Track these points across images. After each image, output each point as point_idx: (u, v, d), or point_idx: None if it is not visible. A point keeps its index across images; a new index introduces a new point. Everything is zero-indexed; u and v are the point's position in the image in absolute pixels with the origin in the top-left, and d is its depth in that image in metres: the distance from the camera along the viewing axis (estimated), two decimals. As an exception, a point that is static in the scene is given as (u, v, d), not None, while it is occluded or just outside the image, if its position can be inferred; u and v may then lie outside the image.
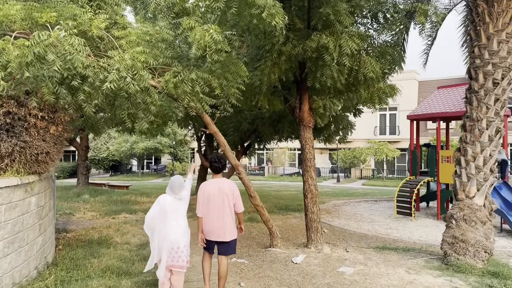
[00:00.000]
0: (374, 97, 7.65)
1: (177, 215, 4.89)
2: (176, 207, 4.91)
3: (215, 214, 4.96)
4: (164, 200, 4.89)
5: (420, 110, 13.79)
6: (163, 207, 4.84)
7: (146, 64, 4.86)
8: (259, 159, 41.49)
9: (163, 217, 4.83)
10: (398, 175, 33.12)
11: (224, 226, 4.95)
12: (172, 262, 4.78)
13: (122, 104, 5.14)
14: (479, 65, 7.14)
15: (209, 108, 6.11)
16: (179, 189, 4.89)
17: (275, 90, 8.46)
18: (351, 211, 14.03)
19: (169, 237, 4.76)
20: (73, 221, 11.17)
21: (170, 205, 4.86)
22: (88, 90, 4.82)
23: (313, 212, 7.66)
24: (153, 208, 4.97)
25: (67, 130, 5.80)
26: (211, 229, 4.98)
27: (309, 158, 7.84)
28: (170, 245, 4.75)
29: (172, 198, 4.90)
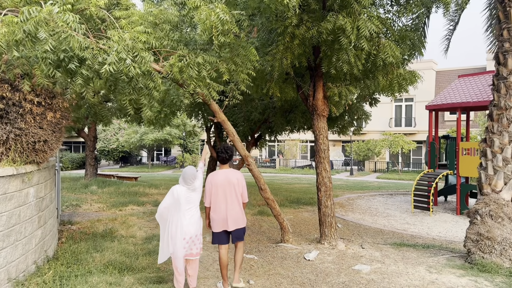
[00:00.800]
0: (393, 84, 7.15)
1: (190, 205, 4.91)
2: (190, 198, 4.90)
3: (224, 205, 4.99)
4: (177, 192, 4.85)
5: (439, 100, 13.21)
6: (178, 198, 4.82)
7: (148, 45, 4.48)
8: (270, 151, 41.07)
9: (177, 208, 4.84)
10: (414, 168, 32.42)
11: (234, 215, 5.01)
12: (187, 252, 4.84)
13: (123, 89, 4.77)
14: (508, 49, 6.62)
15: (217, 95, 5.72)
16: (192, 180, 4.87)
17: (287, 77, 8.02)
18: (366, 205, 13.58)
19: (183, 228, 4.79)
20: (79, 212, 10.94)
21: (184, 196, 4.85)
22: (86, 73, 4.47)
23: (327, 206, 7.24)
24: (167, 199, 4.93)
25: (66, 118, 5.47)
26: (221, 220, 4.99)
27: (323, 149, 7.41)
28: (183, 235, 4.77)
29: (185, 189, 4.89)
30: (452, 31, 10.18)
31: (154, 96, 4.88)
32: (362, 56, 6.49)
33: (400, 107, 33.95)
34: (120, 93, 4.90)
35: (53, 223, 6.67)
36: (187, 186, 4.90)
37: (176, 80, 5.44)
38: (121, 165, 39.34)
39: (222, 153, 5.14)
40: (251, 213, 10.94)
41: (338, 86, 7.24)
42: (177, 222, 4.82)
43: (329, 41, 6.28)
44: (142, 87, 4.77)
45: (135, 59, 4.32)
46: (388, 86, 7.30)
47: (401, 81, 7.19)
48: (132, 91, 4.76)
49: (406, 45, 7.52)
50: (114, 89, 4.98)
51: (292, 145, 37.15)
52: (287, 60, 6.74)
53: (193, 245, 4.90)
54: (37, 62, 4.14)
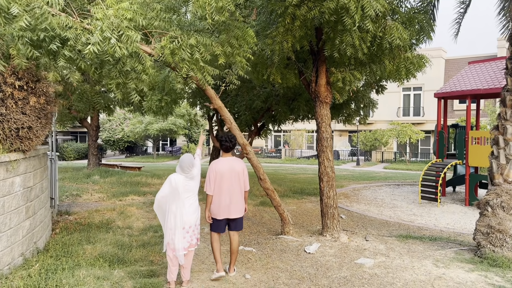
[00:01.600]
0: (401, 68, 6.76)
1: (189, 194, 4.76)
2: (188, 186, 4.74)
3: (228, 193, 4.97)
4: (175, 180, 4.66)
5: (448, 87, 12.77)
6: (176, 187, 4.64)
7: (135, 23, 4.16)
8: (275, 142, 40.73)
9: (175, 197, 4.67)
10: (422, 158, 31.91)
11: (237, 203, 5.04)
12: (188, 242, 4.72)
13: (109, 72, 4.47)
14: (524, 30, 6.21)
15: (212, 79, 5.41)
16: (189, 168, 4.71)
17: (288, 62, 7.67)
18: (372, 195, 13.25)
19: (182, 217, 4.65)
20: (79, 203, 10.75)
21: (182, 185, 4.68)
22: (69, 54, 4.17)
23: (329, 197, 6.93)
24: (164, 188, 4.73)
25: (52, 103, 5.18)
26: (223, 208, 4.98)
27: (325, 137, 7.08)
28: (182, 225, 4.64)
29: (183, 177, 4.72)
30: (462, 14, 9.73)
31: (143, 79, 4.58)
32: (367, 39, 6.12)
33: (408, 96, 33.34)
34: (106, 77, 4.60)
35: (44, 213, 6.44)
36: (185, 174, 4.72)
37: (168, 63, 5.13)
38: (126, 155, 39.26)
39: (226, 142, 5.08)
40: (253, 204, 10.67)
41: (342, 71, 6.87)
42: (175, 211, 4.65)
43: (332, 22, 5.90)
44: (129, 70, 4.47)
45: (120, 39, 4.01)
46: (395, 71, 6.92)
47: (408, 66, 6.80)
48: (118, 74, 4.46)
49: (414, 28, 7.14)
50: (100, 72, 4.67)
51: (298, 135, 36.76)
52: (288, 43, 6.39)
53: (193, 235, 4.76)
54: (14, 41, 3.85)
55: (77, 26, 4.12)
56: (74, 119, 18.53)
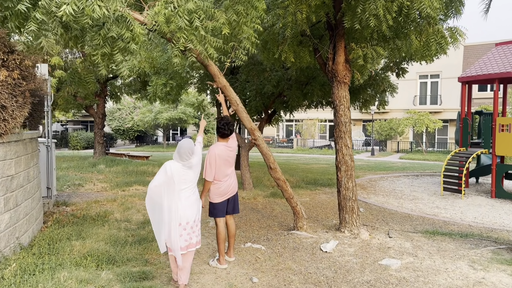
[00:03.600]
0: (431, 43, 5.94)
1: (186, 185, 4.14)
2: (185, 176, 4.13)
3: (228, 174, 4.89)
4: (171, 168, 4.05)
5: (474, 70, 11.82)
6: (171, 176, 4.02)
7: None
8: (287, 131, 39.88)
9: (170, 188, 4.04)
10: (439, 148, 30.79)
11: (235, 180, 5.03)
12: (186, 241, 4.12)
13: (92, 40, 3.76)
14: None
15: (215, 53, 4.67)
16: (188, 155, 4.11)
17: (302, 39, 6.89)
18: (390, 187, 12.44)
19: (178, 211, 4.05)
20: (80, 193, 10.19)
21: (178, 174, 4.06)
22: (41, 18, 3.47)
23: (347, 189, 6.18)
24: (159, 176, 4.05)
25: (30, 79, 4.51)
26: (228, 189, 4.89)
27: (344, 121, 6.31)
28: (178, 220, 4.04)
29: (180, 166, 4.11)
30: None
31: (131, 49, 3.86)
32: (392, 8, 5.33)
33: (425, 84, 32.13)
34: (90, 47, 3.90)
35: (31, 205, 5.82)
36: (182, 163, 4.11)
37: (163, 33, 4.41)
38: (136, 144, 38.85)
39: (224, 129, 4.86)
40: (263, 195, 9.98)
41: (363, 47, 6.07)
42: (170, 205, 4.02)
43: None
44: (115, 37, 3.75)
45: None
46: (423, 47, 6.10)
47: (439, 40, 5.97)
48: (103, 42, 3.75)
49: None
50: (82, 41, 3.98)
51: (310, 125, 35.87)
52: (302, 14, 5.62)
53: (192, 232, 4.15)
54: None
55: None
56: (79, 106, 18.02)
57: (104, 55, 3.93)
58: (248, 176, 10.95)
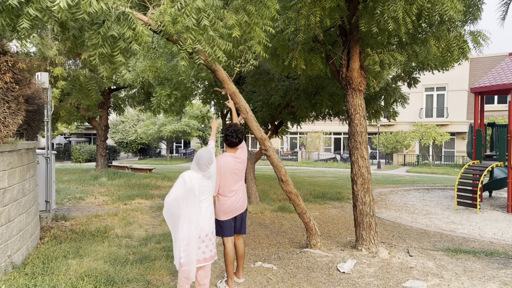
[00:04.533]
0: (452, 48, 5.59)
1: (205, 196, 4.00)
2: (204, 187, 3.98)
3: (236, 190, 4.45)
4: (190, 179, 3.86)
5: (487, 81, 11.47)
6: (191, 187, 3.85)
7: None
8: (292, 144, 39.49)
9: (190, 199, 3.86)
10: (447, 162, 30.28)
11: (244, 196, 4.57)
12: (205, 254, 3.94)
13: (91, 39, 3.42)
14: None
15: (224, 56, 4.33)
16: (208, 165, 3.94)
17: (314, 46, 6.55)
18: (401, 201, 12.00)
19: (199, 223, 3.89)
20: (80, 206, 9.81)
21: (198, 185, 3.90)
22: (34, 14, 3.14)
23: (364, 203, 5.77)
24: (177, 188, 3.82)
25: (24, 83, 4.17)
26: (235, 206, 4.44)
27: (360, 131, 5.93)
28: (198, 233, 3.88)
29: (200, 176, 3.94)
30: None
31: (133, 50, 3.52)
32: (412, 11, 4.99)
33: (431, 96, 31.79)
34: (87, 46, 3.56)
35: (26, 220, 5.44)
36: (202, 173, 3.93)
37: (169, 34, 4.07)
38: (140, 157, 38.52)
39: (232, 137, 4.44)
40: (270, 209, 9.56)
41: (379, 52, 5.73)
42: (190, 217, 3.84)
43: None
44: (116, 37, 3.42)
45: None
46: (444, 52, 5.74)
47: (462, 45, 5.62)
48: (102, 41, 3.41)
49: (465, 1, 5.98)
50: (81, 42, 3.64)
51: (315, 137, 35.48)
52: (316, 17, 5.29)
53: (210, 244, 4.00)
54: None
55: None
56: (82, 118, 17.74)
57: (103, 56, 3.59)
58: (254, 190, 10.55)
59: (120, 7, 3.21)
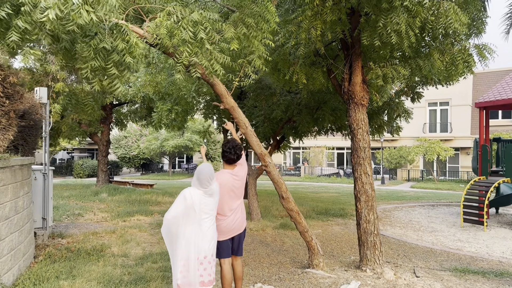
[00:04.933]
0: (457, 61, 5.46)
1: (207, 215, 3.81)
2: (206, 205, 3.80)
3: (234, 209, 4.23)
4: (191, 196, 3.72)
5: (492, 95, 11.33)
6: (192, 205, 3.70)
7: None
8: (294, 159, 39.28)
9: (190, 218, 3.70)
10: (451, 177, 29.96)
11: (242, 216, 4.34)
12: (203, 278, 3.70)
13: (82, 51, 3.30)
14: None
15: (222, 69, 4.21)
16: (209, 181, 3.79)
17: (315, 60, 6.45)
18: (405, 217, 11.74)
19: (198, 244, 3.69)
20: (79, 223, 9.63)
21: (199, 202, 3.74)
22: (24, 26, 3.03)
23: (368, 221, 5.57)
24: (177, 205, 3.67)
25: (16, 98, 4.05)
26: (233, 226, 4.22)
27: (363, 147, 5.77)
28: (196, 254, 3.67)
29: (201, 193, 3.77)
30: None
31: (127, 63, 3.40)
32: (415, 24, 4.88)
33: (434, 111, 31.64)
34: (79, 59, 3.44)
35: (19, 239, 5.27)
36: (203, 190, 3.77)
37: (165, 47, 3.97)
38: (142, 172, 38.37)
39: (230, 154, 4.24)
40: (272, 226, 9.34)
41: (382, 66, 5.61)
42: (189, 237, 3.66)
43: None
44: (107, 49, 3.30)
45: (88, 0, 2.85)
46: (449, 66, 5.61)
47: (467, 58, 5.49)
48: (93, 54, 3.29)
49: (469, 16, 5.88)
50: (73, 54, 3.53)
51: (318, 152, 35.26)
52: (317, 30, 5.19)
53: (210, 268, 3.77)
54: None
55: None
56: (84, 133, 17.67)
57: (95, 69, 3.46)
58: (256, 206, 10.35)
59: (113, 19, 3.10)
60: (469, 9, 5.78)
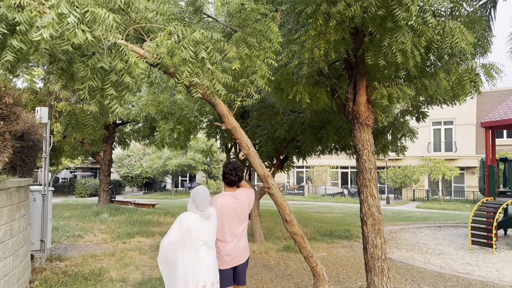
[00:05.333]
0: (464, 81, 5.35)
1: (203, 240, 3.58)
2: (203, 230, 3.59)
3: (237, 235, 3.98)
4: (187, 221, 3.54)
5: (497, 115, 11.19)
6: (188, 230, 3.51)
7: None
8: (298, 178, 39.01)
9: (186, 244, 3.50)
10: (457, 197, 29.58)
11: (245, 244, 4.08)
12: None
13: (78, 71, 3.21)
14: None
15: (223, 89, 4.10)
16: (205, 203, 3.62)
17: (319, 79, 6.35)
18: (412, 239, 11.47)
19: (195, 271, 3.47)
20: (78, 245, 9.44)
21: (195, 227, 3.54)
22: (19, 46, 2.95)
23: (375, 246, 5.36)
24: (174, 231, 3.50)
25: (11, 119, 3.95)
26: (234, 254, 3.94)
27: (368, 168, 5.61)
28: (195, 283, 3.45)
29: (197, 217, 3.59)
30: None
31: (126, 83, 3.30)
32: (421, 44, 4.78)
33: (438, 130, 31.47)
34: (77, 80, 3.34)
35: (14, 264, 5.10)
36: (199, 213, 3.60)
37: (166, 67, 3.88)
38: (144, 191, 38.16)
39: (231, 175, 4.01)
40: (275, 249, 9.11)
41: (387, 86, 5.50)
42: (186, 264, 3.46)
43: (379, 18, 4.60)
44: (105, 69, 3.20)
45: (83, 19, 2.77)
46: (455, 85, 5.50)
47: (474, 78, 5.38)
48: (91, 74, 3.19)
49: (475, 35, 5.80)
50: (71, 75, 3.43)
51: (322, 171, 35.02)
52: (320, 49, 5.10)
53: None
54: None
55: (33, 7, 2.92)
56: (86, 153, 17.60)
57: (93, 89, 3.36)
58: (258, 227, 10.14)
59: (110, 38, 3.01)
60: (475, 28, 5.70)
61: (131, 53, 3.28)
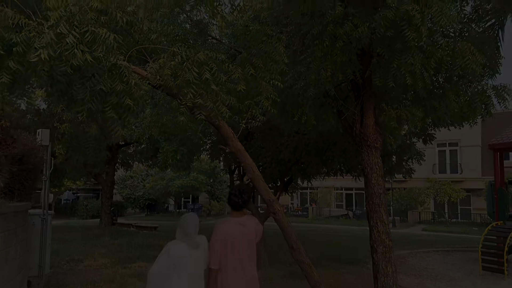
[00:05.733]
0: (475, 103, 5.21)
1: (193, 270, 3.41)
2: (192, 259, 3.42)
3: (241, 266, 3.62)
4: (174, 250, 3.41)
5: (506, 137, 11.02)
6: (176, 259, 3.36)
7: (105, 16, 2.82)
8: (302, 199, 38.58)
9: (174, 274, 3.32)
10: (463, 219, 29.07)
11: (253, 279, 3.75)
12: None
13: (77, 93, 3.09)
14: None
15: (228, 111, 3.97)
16: (195, 231, 3.50)
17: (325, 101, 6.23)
18: (421, 264, 11.15)
19: None
20: (78, 270, 9.19)
21: (184, 256, 3.39)
22: (16, 67, 2.84)
23: (386, 275, 5.12)
24: (160, 262, 3.35)
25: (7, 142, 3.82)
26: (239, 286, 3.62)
27: (378, 192, 5.42)
28: None
29: (185, 246, 3.44)
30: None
31: (126, 105, 3.17)
32: (430, 65, 4.67)
33: (443, 152, 31.20)
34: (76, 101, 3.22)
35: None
36: (188, 241, 3.46)
37: (169, 89, 3.76)
38: (146, 213, 37.76)
39: (235, 196, 3.74)
40: (280, 275, 8.83)
41: (395, 107, 5.37)
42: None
43: (387, 39, 4.50)
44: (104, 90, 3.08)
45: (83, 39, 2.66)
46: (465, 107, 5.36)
47: (485, 100, 5.24)
48: (90, 96, 3.07)
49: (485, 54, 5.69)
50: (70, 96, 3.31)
51: (326, 193, 34.60)
52: (327, 71, 4.99)
53: None
54: None
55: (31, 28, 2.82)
56: (89, 174, 17.47)
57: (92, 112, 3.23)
58: (262, 252, 9.87)
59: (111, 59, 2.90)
60: (485, 49, 5.59)
61: (132, 74, 3.16)
